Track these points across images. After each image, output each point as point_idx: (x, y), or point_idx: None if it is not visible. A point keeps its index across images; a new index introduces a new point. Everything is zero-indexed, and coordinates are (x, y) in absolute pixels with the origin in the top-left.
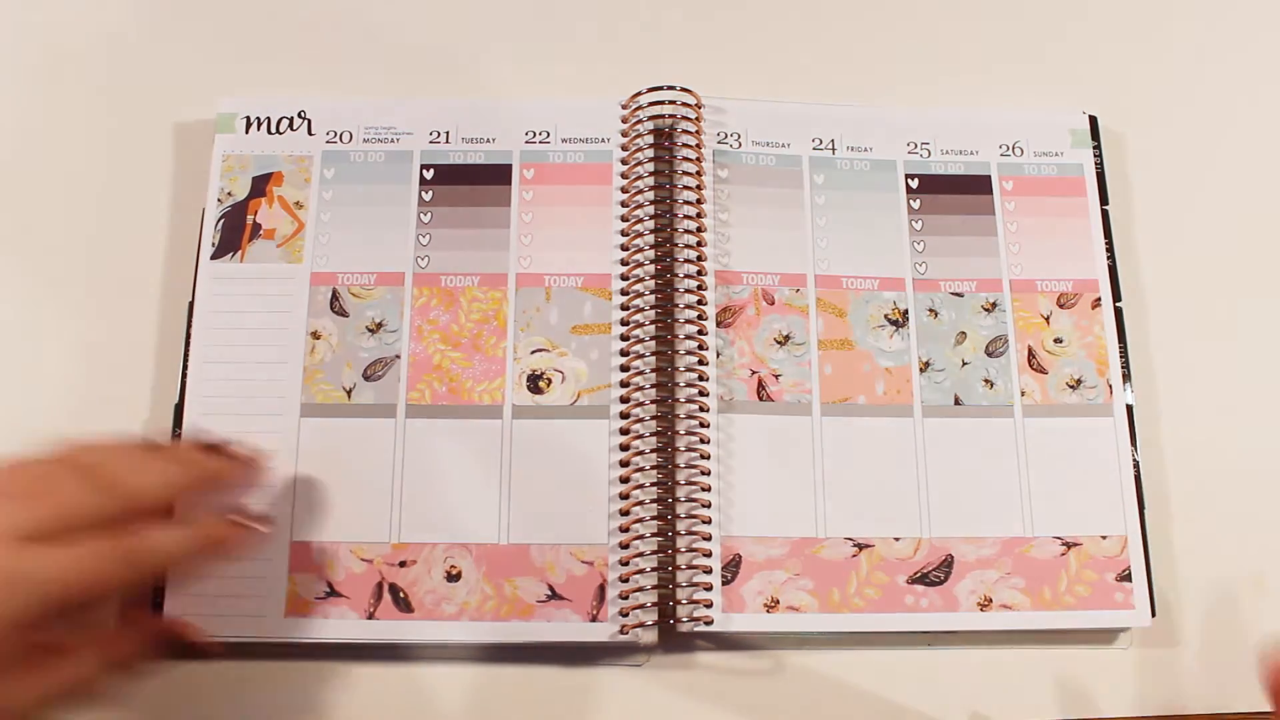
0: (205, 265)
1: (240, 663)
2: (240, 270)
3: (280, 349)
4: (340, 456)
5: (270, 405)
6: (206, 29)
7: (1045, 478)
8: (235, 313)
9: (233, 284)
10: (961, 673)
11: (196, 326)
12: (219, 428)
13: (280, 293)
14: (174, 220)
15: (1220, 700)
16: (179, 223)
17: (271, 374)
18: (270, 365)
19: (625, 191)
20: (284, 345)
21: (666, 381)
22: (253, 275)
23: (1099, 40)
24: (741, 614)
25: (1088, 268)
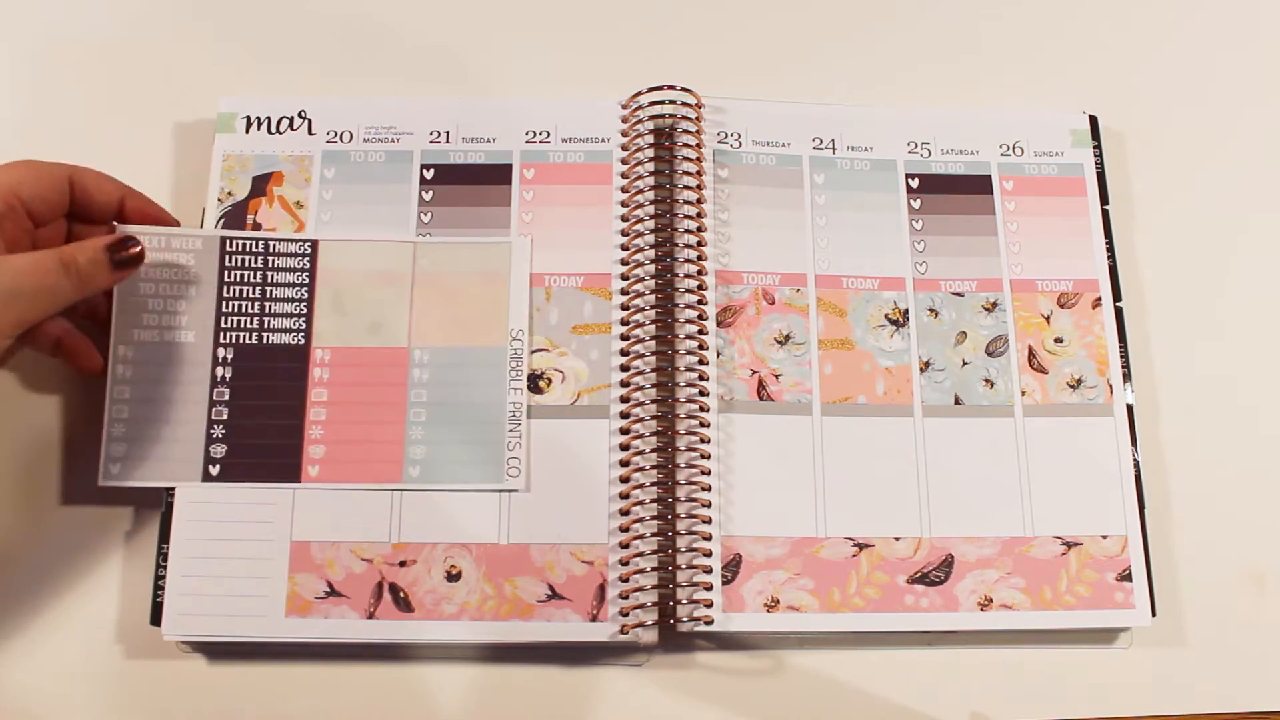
0: None
1: (240, 663)
2: None
3: (281, 349)
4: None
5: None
6: (206, 29)
7: (1045, 478)
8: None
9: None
10: (961, 673)
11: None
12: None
13: None
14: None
15: (1221, 700)
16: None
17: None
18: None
19: (625, 191)
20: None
21: (666, 381)
22: None
23: (1099, 40)
24: (741, 614)
25: (1088, 267)
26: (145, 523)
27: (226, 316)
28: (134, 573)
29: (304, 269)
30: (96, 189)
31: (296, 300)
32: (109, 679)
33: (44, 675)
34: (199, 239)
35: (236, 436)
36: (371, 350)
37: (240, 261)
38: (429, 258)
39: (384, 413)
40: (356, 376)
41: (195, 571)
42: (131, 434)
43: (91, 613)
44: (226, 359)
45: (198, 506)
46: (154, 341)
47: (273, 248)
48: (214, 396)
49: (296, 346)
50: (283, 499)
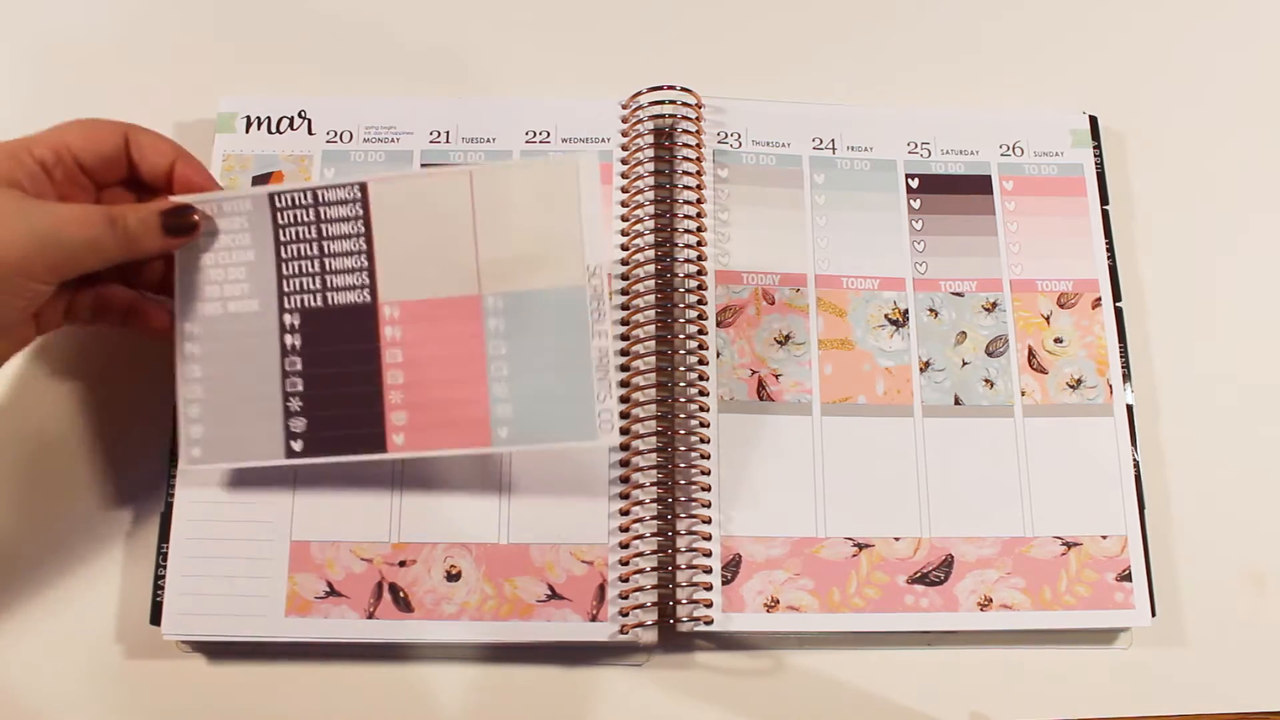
0: None
1: (240, 663)
2: None
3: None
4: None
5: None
6: (206, 29)
7: (1045, 478)
8: None
9: None
10: (961, 673)
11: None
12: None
13: None
14: None
15: (1220, 700)
16: None
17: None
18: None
19: (625, 191)
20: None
21: (667, 381)
22: None
23: (1099, 40)
24: (741, 614)
25: (1088, 268)
26: (145, 523)
27: (288, 279)
28: (134, 573)
29: (358, 216)
30: (151, 148)
31: (356, 253)
32: (109, 679)
33: (44, 675)
34: (248, 199)
35: (315, 408)
36: (442, 302)
37: (293, 217)
38: (487, 187)
39: (463, 370)
40: (429, 332)
41: (195, 571)
42: (208, 414)
43: (91, 613)
44: (294, 325)
45: (198, 507)
46: (218, 314)
47: (322, 197)
48: (286, 367)
49: (364, 304)
50: (282, 499)
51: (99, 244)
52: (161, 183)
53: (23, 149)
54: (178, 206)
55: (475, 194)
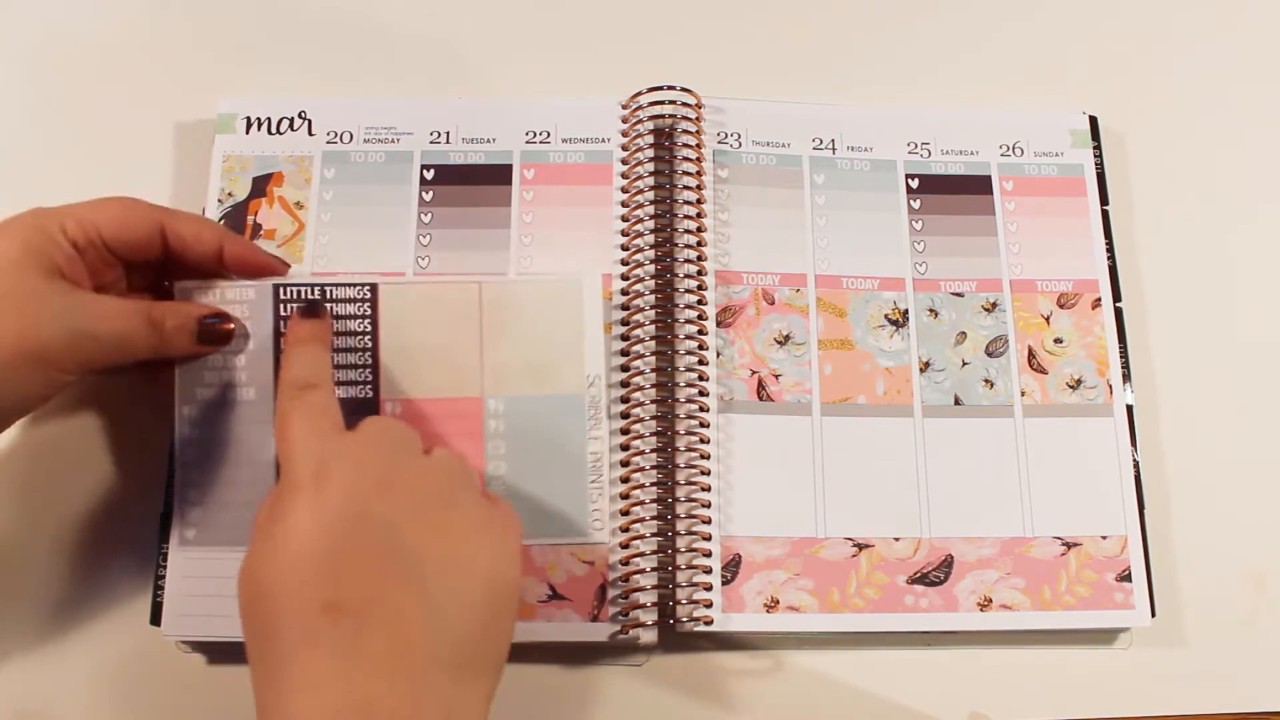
0: None
1: (240, 663)
2: None
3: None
4: None
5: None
6: (206, 29)
7: (1045, 478)
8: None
9: None
10: (961, 673)
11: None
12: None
13: None
14: None
15: (1221, 700)
16: None
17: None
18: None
19: (625, 191)
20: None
21: (666, 381)
22: None
23: (1099, 40)
24: (741, 614)
25: (1088, 268)
26: (145, 523)
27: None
28: (134, 573)
29: (365, 315)
30: (194, 238)
31: (359, 350)
32: (109, 679)
33: (44, 675)
34: (251, 289)
35: None
36: (444, 402)
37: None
38: (496, 297)
39: None
40: (429, 430)
41: (195, 571)
42: (204, 498)
43: (91, 613)
44: None
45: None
46: (215, 400)
47: (330, 294)
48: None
49: (364, 399)
50: None
51: (132, 343)
52: (210, 267)
53: (55, 227)
54: (215, 314)
55: (484, 303)
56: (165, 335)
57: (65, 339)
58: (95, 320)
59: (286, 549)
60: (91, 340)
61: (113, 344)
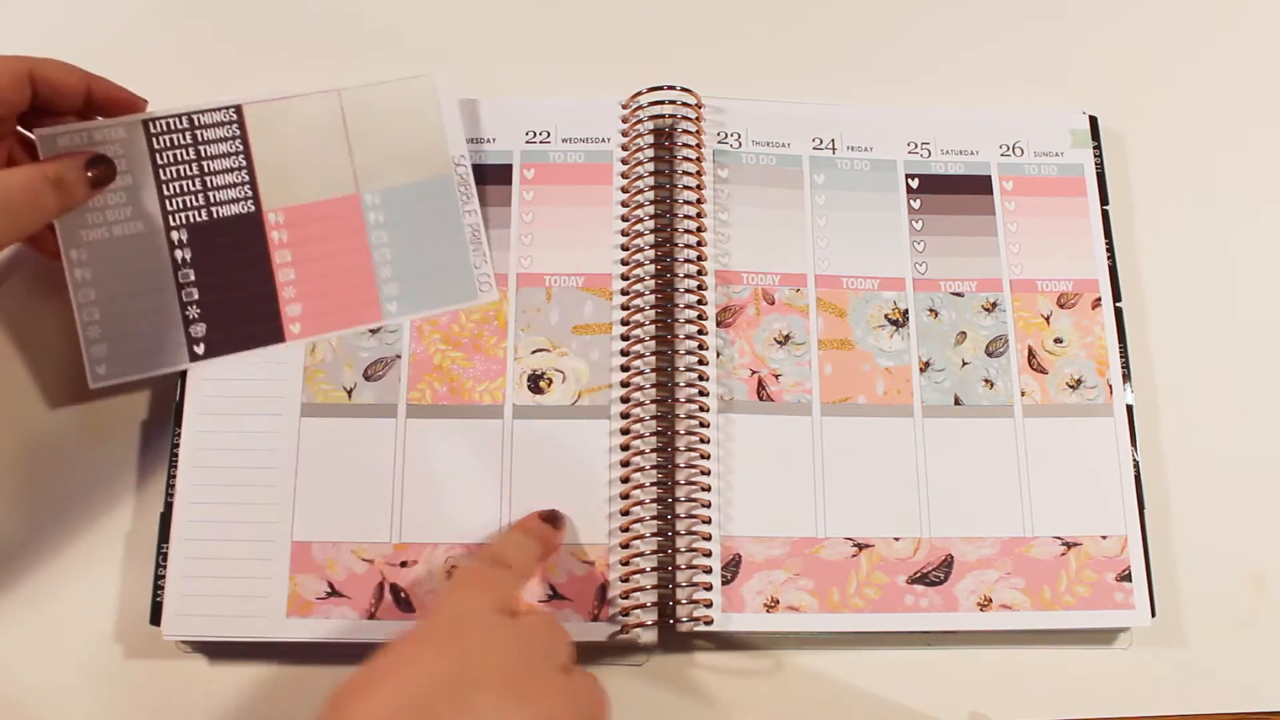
0: None
1: (240, 663)
2: None
3: (280, 349)
4: (341, 456)
5: (270, 405)
6: (206, 29)
7: (1045, 478)
8: None
9: None
10: (961, 673)
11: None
12: (218, 428)
13: None
14: None
15: (1221, 700)
16: None
17: (272, 374)
18: (271, 365)
19: (625, 191)
20: (284, 345)
21: (666, 381)
22: None
23: (1099, 40)
24: (741, 614)
25: (1088, 268)
26: (145, 523)
27: (170, 199)
28: (134, 573)
29: (235, 136)
30: (61, 81)
31: (236, 169)
32: (109, 679)
33: (44, 675)
34: (121, 127)
35: (213, 312)
36: (323, 204)
37: (169, 141)
38: (356, 103)
39: (350, 260)
40: (315, 231)
41: (195, 571)
42: (109, 332)
43: (91, 613)
44: (182, 240)
45: (198, 507)
46: (104, 239)
47: (198, 120)
48: (180, 279)
49: (248, 214)
50: (283, 499)
51: (43, 207)
52: (78, 107)
53: None
54: (97, 155)
55: (345, 109)
56: (69, 189)
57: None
58: (6, 193)
59: (385, 683)
60: (6, 213)
61: (25, 212)
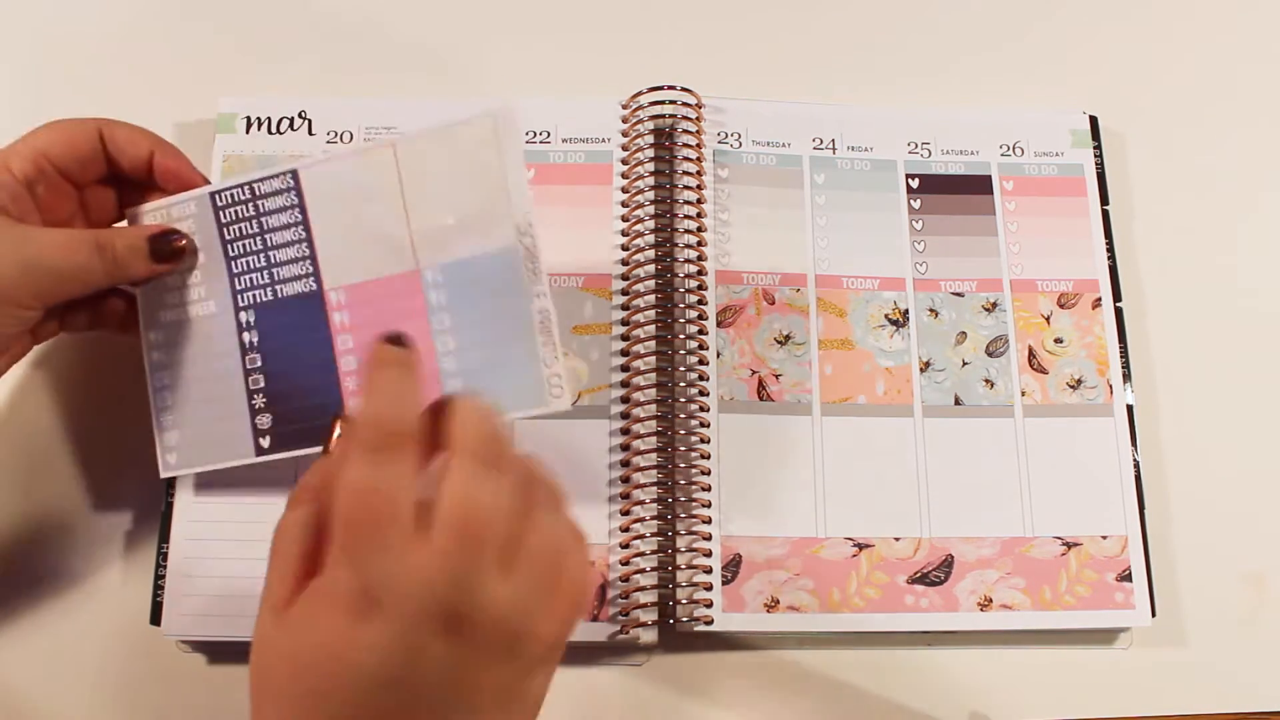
0: None
1: (240, 663)
2: None
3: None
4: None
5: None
6: (206, 29)
7: (1045, 478)
8: None
9: None
10: (961, 673)
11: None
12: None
13: None
14: None
15: (1221, 700)
16: None
17: None
18: None
19: (625, 191)
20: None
21: (667, 381)
22: None
23: (1099, 40)
24: (741, 614)
25: (1088, 268)
26: (145, 523)
27: (239, 277)
28: (134, 573)
29: (294, 205)
30: (127, 142)
31: (297, 243)
32: (109, 679)
33: (44, 675)
34: (191, 201)
35: (277, 403)
36: (383, 282)
37: (235, 214)
38: (411, 157)
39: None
40: (376, 314)
41: (195, 571)
42: (179, 420)
43: (91, 613)
44: (250, 323)
45: (198, 507)
46: (179, 320)
47: (259, 190)
48: (247, 365)
49: (310, 293)
50: (283, 500)
51: (86, 271)
52: (143, 175)
53: (1, 166)
54: (164, 231)
55: (400, 166)
56: (118, 258)
57: (17, 273)
58: (45, 250)
59: (349, 675)
60: (44, 271)
61: (67, 273)
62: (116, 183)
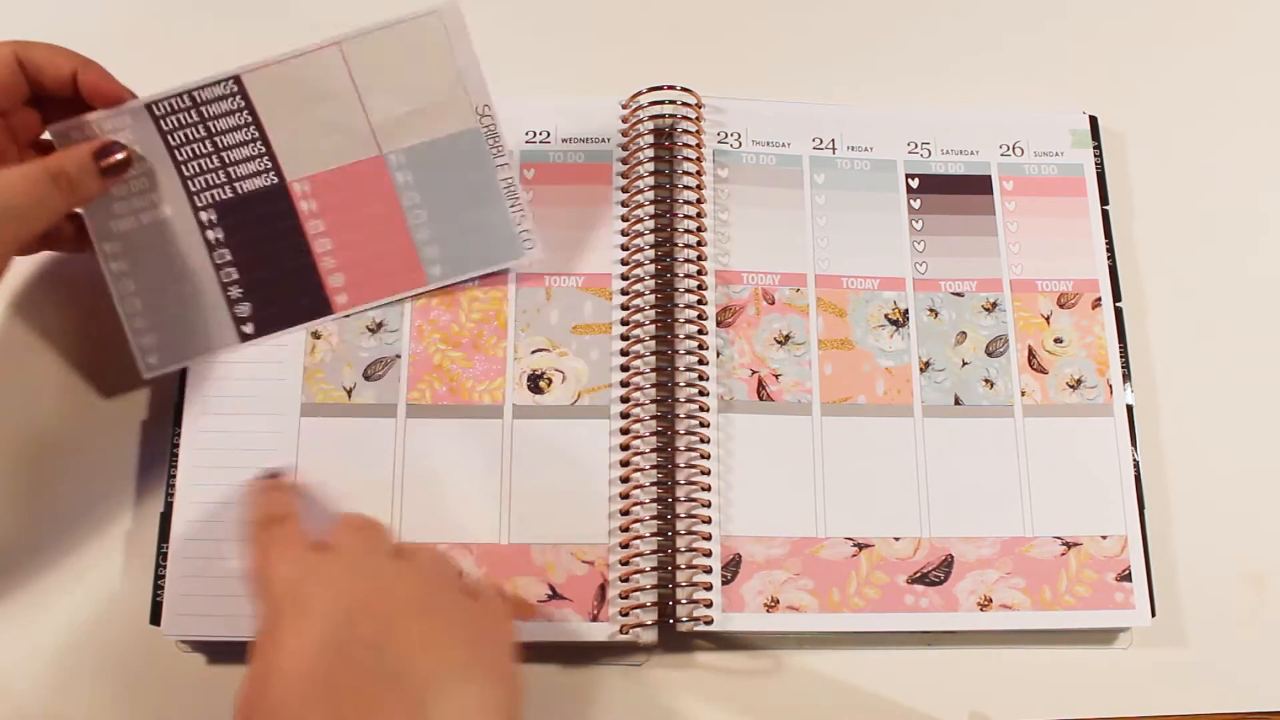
0: None
1: (240, 663)
2: None
3: (280, 349)
4: (340, 456)
5: (270, 405)
6: (206, 28)
7: (1045, 478)
8: None
9: None
10: (961, 673)
11: None
12: (218, 428)
13: None
14: None
15: (1221, 700)
16: None
17: (272, 373)
18: (270, 365)
19: (625, 191)
20: (284, 345)
21: (666, 381)
22: None
23: (1100, 40)
24: (741, 614)
25: (1088, 268)
26: (145, 523)
27: (191, 179)
28: (134, 573)
29: (241, 109)
30: (47, 62)
31: (250, 141)
32: (108, 679)
33: (44, 675)
34: (126, 114)
35: (255, 290)
36: (347, 169)
37: (177, 121)
38: (360, 55)
39: (385, 224)
40: (344, 198)
41: (195, 571)
42: (153, 322)
43: (91, 612)
44: (212, 221)
45: (198, 507)
46: (133, 228)
47: (199, 97)
48: (216, 259)
49: (274, 186)
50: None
51: (47, 204)
52: (68, 93)
53: None
54: (106, 144)
55: (350, 64)
56: (73, 182)
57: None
58: (4, 193)
59: (279, 681)
60: (11, 214)
61: (29, 211)
62: (40, 104)
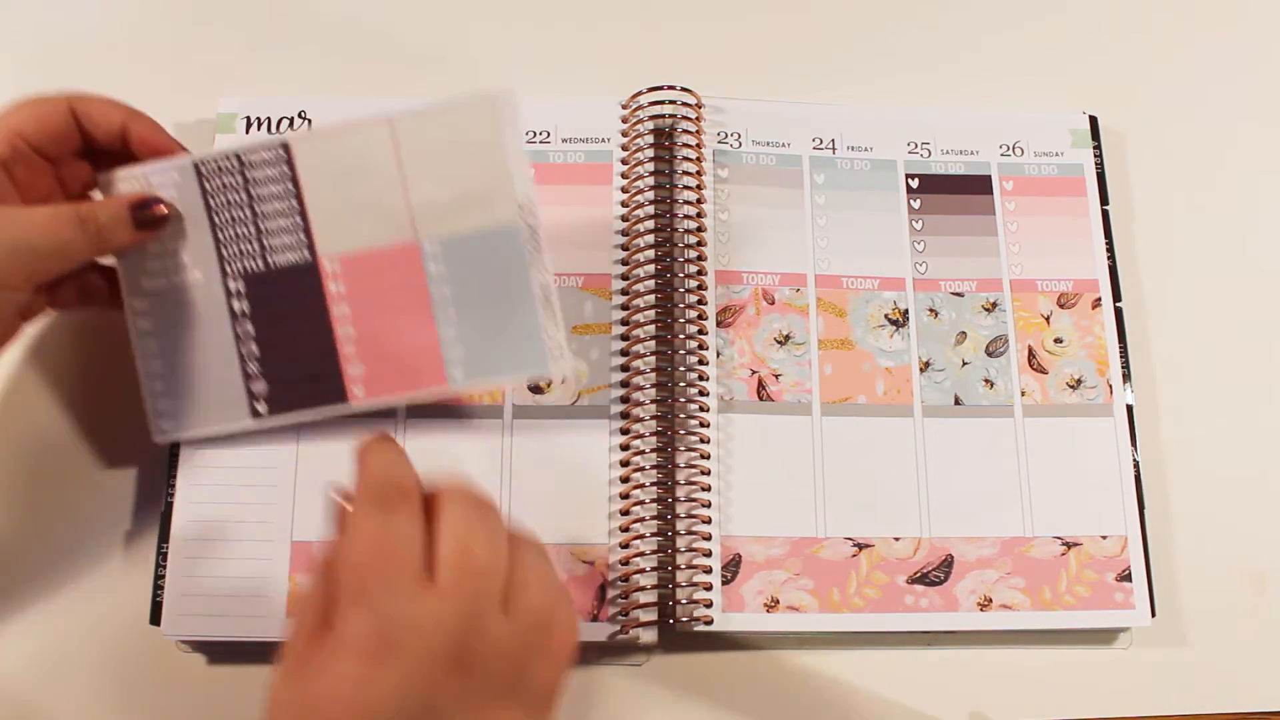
0: None
1: (240, 663)
2: None
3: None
4: (340, 456)
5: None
6: (206, 29)
7: (1045, 478)
8: None
9: None
10: (961, 673)
11: None
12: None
13: None
14: None
15: (1221, 700)
16: None
17: None
18: None
19: (625, 191)
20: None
21: (666, 381)
22: None
23: (1099, 40)
24: (741, 614)
25: (1088, 268)
26: (145, 523)
27: (225, 245)
28: (134, 573)
29: (285, 176)
30: (100, 114)
31: (288, 213)
32: (108, 679)
33: (44, 675)
34: (173, 169)
35: (273, 369)
36: (381, 253)
37: (221, 184)
38: (409, 133)
39: (411, 317)
40: (373, 284)
41: (195, 571)
42: (171, 387)
43: (91, 613)
44: (240, 291)
45: (198, 507)
46: (164, 288)
47: (246, 160)
48: (238, 332)
49: (305, 264)
50: (283, 499)
51: (71, 246)
52: (117, 146)
53: None
54: (145, 199)
55: (398, 141)
56: (101, 230)
57: (4, 255)
58: (28, 229)
59: (318, 716)
60: (30, 251)
61: (51, 250)
62: (92, 156)
